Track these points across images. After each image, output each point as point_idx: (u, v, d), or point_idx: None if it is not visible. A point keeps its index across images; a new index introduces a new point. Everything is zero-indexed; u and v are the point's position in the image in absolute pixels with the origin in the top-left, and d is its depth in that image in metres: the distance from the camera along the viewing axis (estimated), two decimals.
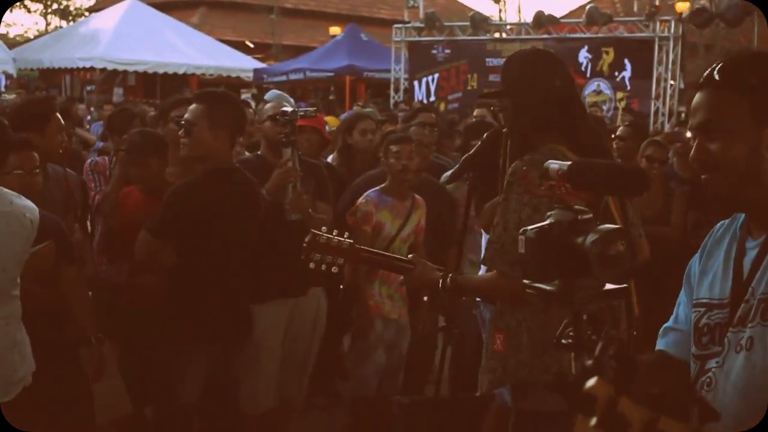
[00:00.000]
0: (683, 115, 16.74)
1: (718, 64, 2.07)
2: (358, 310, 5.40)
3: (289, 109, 4.92)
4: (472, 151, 3.95)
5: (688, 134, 7.30)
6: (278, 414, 5.26)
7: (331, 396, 6.54)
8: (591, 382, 1.37)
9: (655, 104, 17.04)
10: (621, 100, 17.29)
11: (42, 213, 4.36)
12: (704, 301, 2.19)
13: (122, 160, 5.29)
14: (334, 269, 3.43)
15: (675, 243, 6.76)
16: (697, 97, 2.09)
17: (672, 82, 17.05)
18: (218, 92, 4.82)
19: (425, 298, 5.54)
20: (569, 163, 2.18)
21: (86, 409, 4.58)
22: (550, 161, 2.25)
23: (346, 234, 3.49)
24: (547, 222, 2.13)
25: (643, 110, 16.43)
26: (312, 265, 3.40)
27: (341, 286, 5.43)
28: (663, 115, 16.91)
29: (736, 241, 2.15)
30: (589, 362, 1.79)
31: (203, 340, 4.53)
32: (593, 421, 1.36)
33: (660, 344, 2.33)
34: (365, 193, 5.50)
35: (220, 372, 4.67)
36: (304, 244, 3.39)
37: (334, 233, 3.44)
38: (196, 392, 4.57)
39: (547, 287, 2.14)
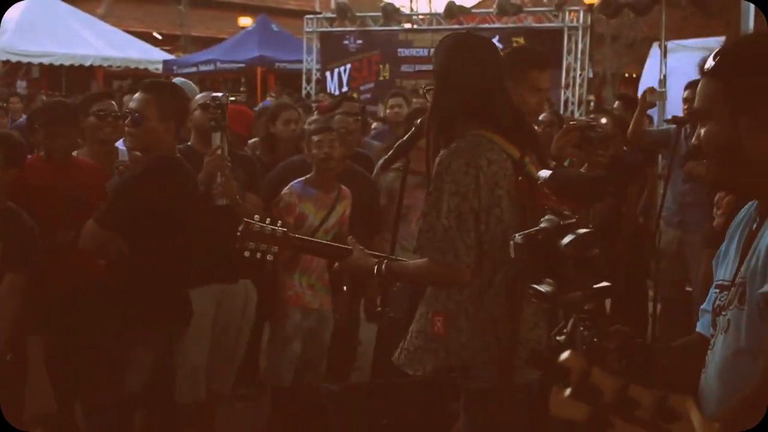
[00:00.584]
0: (592, 103, 17.09)
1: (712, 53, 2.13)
2: (274, 300, 5.41)
3: (220, 94, 4.90)
4: (404, 137, 3.95)
5: (603, 121, 7.46)
6: (206, 405, 5.23)
7: (256, 386, 6.53)
8: (564, 355, 1.41)
9: (564, 93, 17.30)
10: None
11: (9, 210, 4.30)
12: (719, 282, 2.26)
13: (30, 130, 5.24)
14: (269, 257, 3.44)
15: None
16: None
17: (581, 72, 17.32)
18: (165, 83, 4.80)
19: (344, 287, 5.61)
20: (550, 173, 2.28)
21: (12, 408, 4.48)
22: (541, 172, 2.36)
23: (279, 222, 3.50)
24: (534, 228, 2.28)
25: (553, 99, 16.67)
26: (247, 254, 3.41)
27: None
28: (572, 103, 17.18)
29: (749, 224, 2.21)
30: (562, 338, 1.84)
31: (151, 328, 4.48)
32: (568, 391, 1.40)
33: (697, 326, 2.38)
34: (290, 184, 5.49)
35: (164, 361, 4.63)
36: (238, 233, 3.40)
37: (267, 221, 3.46)
38: (140, 382, 4.52)
39: (542, 289, 2.25)
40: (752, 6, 11.79)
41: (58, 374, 5.10)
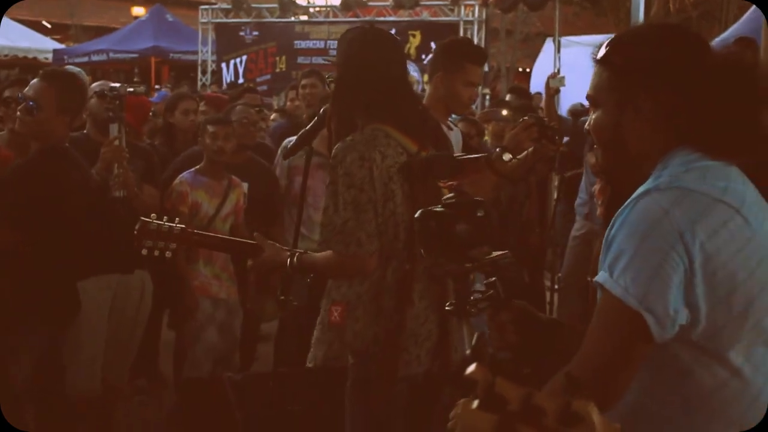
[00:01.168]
0: (487, 97, 17.30)
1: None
2: (181, 290, 5.37)
3: (117, 84, 4.84)
4: (308, 126, 3.98)
5: (504, 112, 7.59)
6: (103, 397, 5.16)
7: (155, 378, 6.47)
8: (470, 368, 1.45)
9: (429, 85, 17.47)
10: (428, 82, 17.64)
11: None
12: None
13: None
14: (168, 254, 3.41)
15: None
16: None
17: None
18: (65, 72, 4.70)
19: (251, 278, 5.58)
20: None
21: None
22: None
23: (177, 219, 3.47)
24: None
25: None
26: (144, 252, 3.37)
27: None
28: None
29: None
30: (468, 352, 1.90)
31: (37, 320, 4.41)
32: (475, 403, 1.44)
33: None
34: (180, 175, 5.47)
35: (52, 354, 4.56)
36: (135, 232, 3.36)
37: (164, 219, 3.42)
38: (26, 372, 4.45)
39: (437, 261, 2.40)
40: (642, 2, 12.07)
41: None
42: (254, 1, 19.51)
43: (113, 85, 4.86)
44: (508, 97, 9.68)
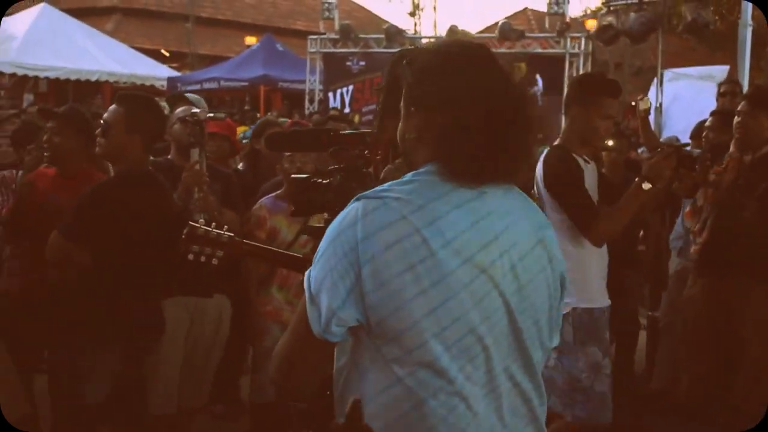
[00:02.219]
0: None
1: None
2: (250, 316, 5.42)
3: (198, 110, 4.94)
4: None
5: (610, 142, 7.47)
6: (177, 419, 5.23)
7: (233, 404, 6.53)
8: None
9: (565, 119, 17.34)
10: None
11: None
12: None
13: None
14: (215, 261, 3.41)
15: None
16: None
17: None
18: (139, 96, 4.82)
19: None
20: None
21: None
22: None
23: (226, 227, 3.47)
24: None
25: (554, 125, 16.72)
26: (191, 257, 3.37)
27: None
28: None
29: None
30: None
31: (112, 339, 4.50)
32: None
33: None
34: (260, 200, 5.52)
35: (130, 372, 4.64)
36: (183, 236, 3.38)
37: (212, 225, 3.43)
38: (103, 392, 4.54)
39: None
40: (748, 36, 11.84)
41: (28, 379, 5.15)
42: (362, 32, 19.75)
43: (194, 110, 4.96)
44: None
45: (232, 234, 3.44)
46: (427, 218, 2.04)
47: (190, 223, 3.40)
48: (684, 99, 14.23)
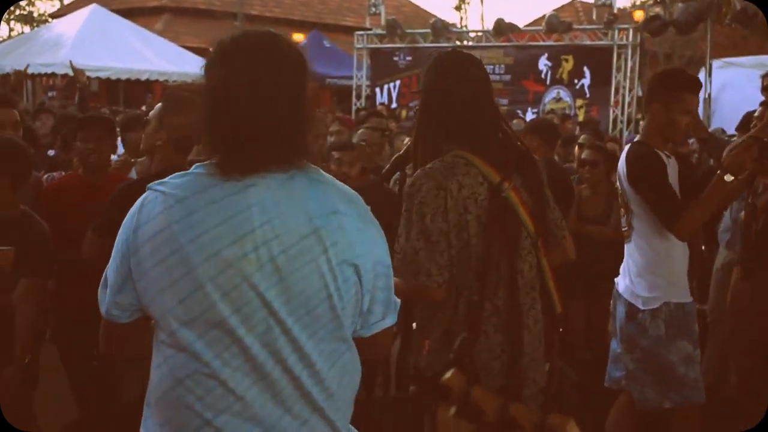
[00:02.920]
0: (641, 122, 16.94)
1: None
2: None
3: None
4: (401, 150, 4.00)
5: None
6: None
7: None
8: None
9: (614, 112, 17.21)
10: (580, 107, 17.46)
11: (26, 215, 4.40)
12: None
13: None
14: None
15: (611, 245, 6.93)
16: None
17: (630, 90, 17.23)
18: (177, 95, 4.72)
19: None
20: None
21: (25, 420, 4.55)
22: None
23: None
24: None
25: (601, 118, 16.59)
26: None
27: None
28: (621, 122, 17.09)
29: None
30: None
31: (136, 360, 4.54)
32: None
33: None
34: None
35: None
36: None
37: None
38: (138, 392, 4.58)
39: None
40: None
41: (78, 383, 5.21)
42: (408, 27, 19.76)
43: None
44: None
45: None
46: (183, 212, 2.16)
47: None
48: (734, 88, 14.06)
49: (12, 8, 43.66)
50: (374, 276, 2.32)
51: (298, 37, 24.72)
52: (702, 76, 16.52)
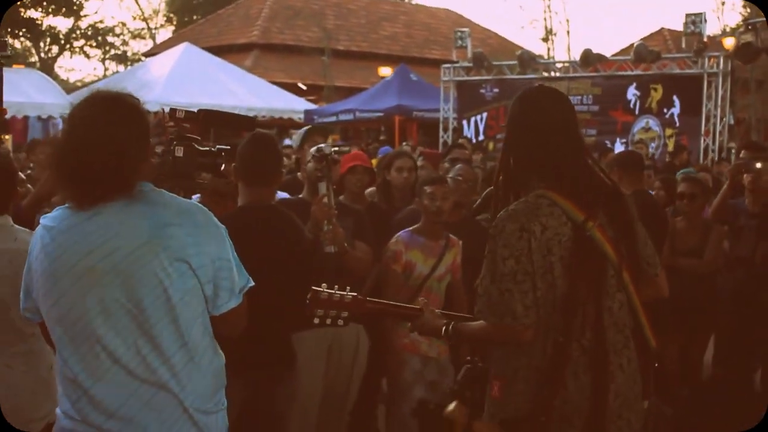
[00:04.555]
0: (733, 150, 16.67)
1: None
2: (387, 349, 5.46)
3: (323, 145, 5.04)
4: (492, 186, 4.00)
5: (758, 165, 7.27)
6: None
7: None
8: (451, 406, 1.46)
9: (704, 141, 16.95)
10: (670, 137, 17.24)
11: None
12: None
13: None
14: (340, 322, 3.51)
15: (704, 278, 6.84)
16: None
17: (722, 119, 16.96)
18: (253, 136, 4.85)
19: None
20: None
21: None
22: None
23: (348, 288, 3.53)
24: None
25: (692, 147, 16.35)
26: (316, 321, 3.48)
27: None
28: (713, 151, 16.81)
29: None
30: (453, 386, 1.89)
31: (239, 367, 4.60)
32: None
33: None
34: (397, 234, 5.57)
35: (259, 401, 4.72)
36: (307, 301, 3.48)
37: (335, 288, 3.49)
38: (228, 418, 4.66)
39: None
40: None
41: None
42: (495, 59, 19.77)
43: (320, 146, 5.05)
44: (742, 154, 9.22)
45: (355, 294, 3.50)
46: (49, 238, 2.89)
47: (313, 288, 3.49)
48: None
49: (107, 48, 44.92)
50: (215, 269, 2.94)
51: (386, 71, 24.92)
52: None
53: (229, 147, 3.72)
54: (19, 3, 33.31)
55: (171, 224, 2.85)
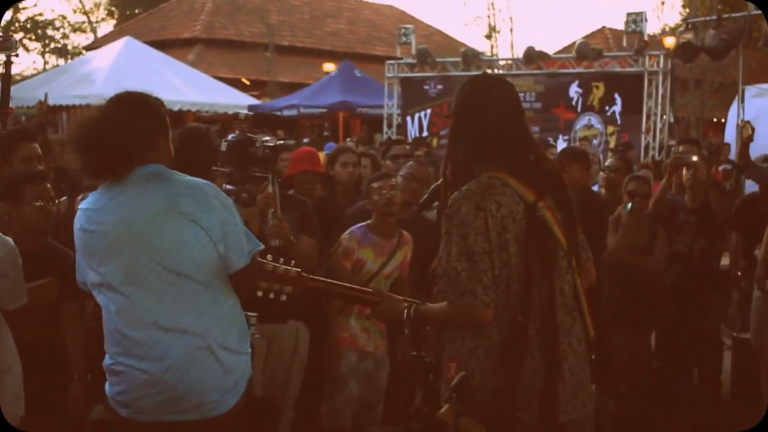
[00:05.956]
0: (673, 149, 16.90)
1: None
2: (327, 342, 5.49)
3: (267, 138, 5.02)
4: (439, 180, 4.02)
5: (694, 158, 7.38)
6: None
7: (316, 429, 6.55)
8: (443, 409, 1.51)
9: (645, 138, 17.17)
10: (612, 134, 17.43)
11: (53, 246, 4.48)
12: None
13: None
14: (283, 297, 3.49)
15: (652, 274, 6.93)
16: None
17: (662, 117, 17.18)
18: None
19: (406, 330, 5.60)
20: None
21: None
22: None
23: (293, 262, 3.54)
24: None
25: (633, 144, 16.54)
26: (259, 293, 3.47)
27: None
28: (653, 148, 17.04)
29: None
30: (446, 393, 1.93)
31: None
32: None
33: None
34: (350, 228, 5.57)
35: None
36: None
37: (280, 261, 3.50)
38: None
39: None
40: None
41: None
42: (439, 55, 19.82)
43: (264, 138, 5.03)
44: (680, 149, 9.39)
45: (299, 270, 3.50)
46: (85, 218, 3.49)
47: (258, 259, 3.47)
48: (764, 116, 13.96)
49: (47, 41, 44.26)
50: (224, 231, 3.39)
51: (329, 67, 24.86)
52: (735, 102, 16.48)
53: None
54: None
55: (183, 195, 3.38)
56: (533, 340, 3.18)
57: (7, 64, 4.75)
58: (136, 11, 42.56)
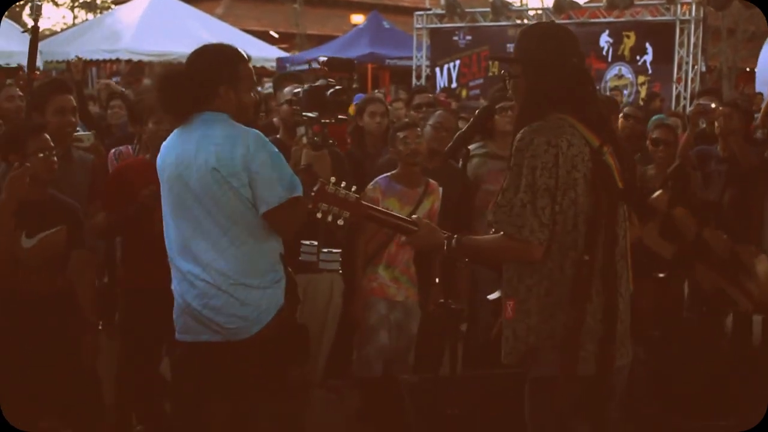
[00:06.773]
0: (694, 101, 16.67)
1: None
2: (351, 294, 5.52)
3: (300, 89, 5.00)
4: (464, 128, 4.02)
5: (713, 105, 7.27)
6: (295, 390, 5.29)
7: (346, 379, 6.60)
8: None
9: (676, 88, 16.98)
10: (643, 84, 17.25)
11: (57, 197, 4.52)
12: None
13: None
14: (340, 221, 3.48)
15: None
16: None
17: (694, 66, 16.97)
18: None
19: (437, 279, 5.62)
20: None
21: (92, 394, 4.76)
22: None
23: (354, 188, 3.55)
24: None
25: (664, 94, 16.37)
26: (319, 215, 3.46)
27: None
28: (685, 98, 16.84)
29: None
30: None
31: None
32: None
33: None
34: (375, 179, 5.57)
35: None
36: (313, 193, 3.47)
37: (342, 184, 3.51)
38: None
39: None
40: None
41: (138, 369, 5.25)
42: (468, 6, 19.64)
43: (297, 90, 5.01)
44: (701, 100, 9.24)
45: (358, 196, 3.52)
46: (161, 157, 3.98)
47: (321, 180, 3.49)
48: None
49: None
50: (250, 178, 3.74)
51: (358, 19, 24.73)
52: (763, 50, 16.24)
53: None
54: None
55: (214, 143, 3.76)
56: (593, 282, 3.21)
57: (34, 29, 4.74)
58: None
